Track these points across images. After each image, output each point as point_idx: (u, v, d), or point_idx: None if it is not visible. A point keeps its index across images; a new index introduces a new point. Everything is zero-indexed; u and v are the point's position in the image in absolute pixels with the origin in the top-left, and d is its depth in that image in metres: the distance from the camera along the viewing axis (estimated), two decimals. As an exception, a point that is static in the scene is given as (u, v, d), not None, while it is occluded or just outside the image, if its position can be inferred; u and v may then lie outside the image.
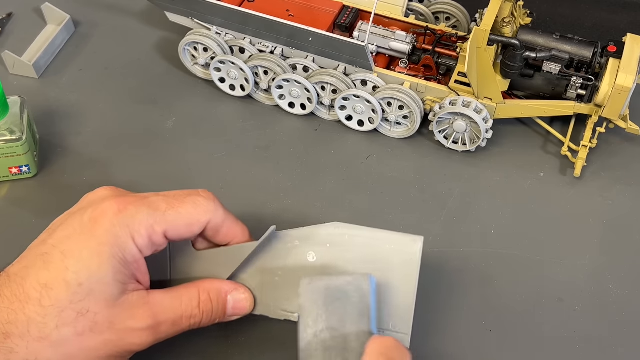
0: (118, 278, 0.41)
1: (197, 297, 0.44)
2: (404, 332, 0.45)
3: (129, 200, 0.43)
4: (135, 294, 0.42)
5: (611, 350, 0.49)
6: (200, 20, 0.63)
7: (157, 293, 0.44)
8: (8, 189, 0.58)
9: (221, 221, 0.45)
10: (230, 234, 0.46)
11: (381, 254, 0.45)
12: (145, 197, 0.44)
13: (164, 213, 0.43)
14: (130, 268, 0.42)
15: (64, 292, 0.40)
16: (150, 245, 0.43)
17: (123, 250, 0.41)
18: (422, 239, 0.45)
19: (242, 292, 0.46)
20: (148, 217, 0.42)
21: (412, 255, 0.44)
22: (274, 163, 0.60)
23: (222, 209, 0.45)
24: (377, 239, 0.45)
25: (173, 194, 0.45)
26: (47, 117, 0.62)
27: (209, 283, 0.45)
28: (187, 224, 0.44)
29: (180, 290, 0.44)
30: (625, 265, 0.54)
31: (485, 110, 0.58)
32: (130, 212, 0.42)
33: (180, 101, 0.65)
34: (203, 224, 0.44)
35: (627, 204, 0.58)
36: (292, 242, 0.46)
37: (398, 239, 0.45)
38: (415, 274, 0.44)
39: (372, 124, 0.61)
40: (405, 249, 0.45)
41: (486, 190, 0.59)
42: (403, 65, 0.61)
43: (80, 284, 0.40)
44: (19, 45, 0.68)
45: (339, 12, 0.63)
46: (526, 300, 0.52)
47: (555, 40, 0.58)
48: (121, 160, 0.60)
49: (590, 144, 0.59)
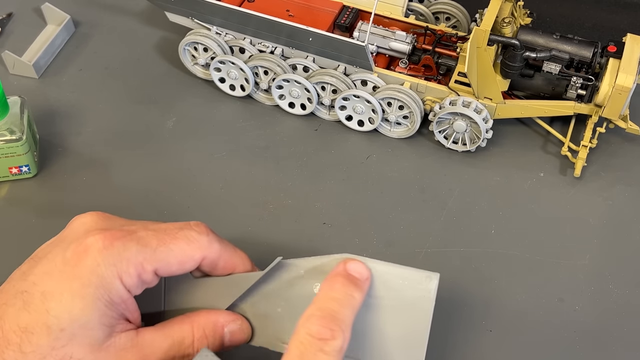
0: (103, 321, 0.38)
1: (190, 334, 0.41)
2: None
3: (115, 235, 0.39)
4: (123, 335, 0.39)
5: (611, 350, 0.49)
6: (200, 20, 0.63)
7: (148, 332, 0.41)
8: (8, 189, 0.58)
9: (217, 256, 0.42)
10: (229, 267, 0.43)
11: (394, 289, 0.42)
12: (133, 231, 0.40)
13: (154, 250, 0.40)
14: (118, 309, 0.39)
15: (45, 338, 0.37)
16: (140, 284, 0.40)
17: (109, 292, 0.38)
18: (437, 276, 0.42)
19: (238, 322, 0.43)
20: (137, 254, 0.39)
21: (426, 292, 0.41)
22: (274, 163, 0.60)
23: (217, 241, 0.42)
24: (389, 274, 0.42)
25: (164, 227, 0.41)
26: (47, 117, 0.62)
27: (204, 317, 0.42)
28: (179, 262, 0.41)
29: (173, 327, 0.41)
30: (625, 265, 0.54)
31: (485, 110, 0.58)
32: (117, 250, 0.39)
33: (180, 101, 0.65)
34: (197, 261, 0.41)
35: (627, 204, 0.58)
36: (297, 272, 0.43)
37: (412, 275, 0.42)
38: (429, 312, 0.41)
39: (372, 124, 0.61)
40: (419, 285, 0.42)
41: (486, 190, 0.59)
42: (403, 65, 0.61)
43: (62, 329, 0.37)
44: (19, 45, 0.68)
45: (339, 12, 0.63)
46: (526, 300, 0.52)
47: (555, 40, 0.58)
48: (121, 160, 0.60)
49: (590, 144, 0.59)
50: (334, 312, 0.38)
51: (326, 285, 0.40)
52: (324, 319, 0.38)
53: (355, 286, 0.40)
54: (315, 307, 0.39)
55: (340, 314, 0.38)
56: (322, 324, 0.37)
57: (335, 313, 0.38)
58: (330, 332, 0.37)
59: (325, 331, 0.37)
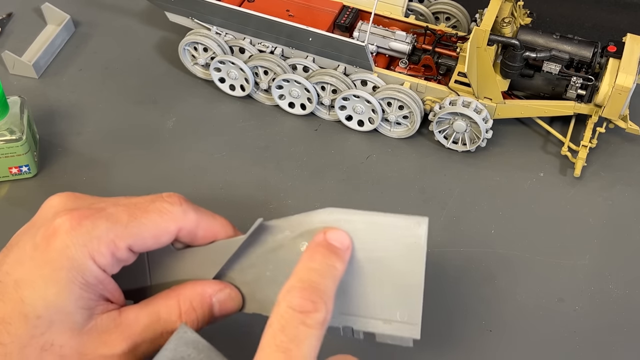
0: (81, 304, 0.37)
1: (177, 308, 0.40)
2: (414, 322, 0.41)
3: (83, 214, 0.38)
4: (105, 316, 0.38)
5: (611, 351, 0.49)
6: (200, 20, 0.63)
7: (131, 310, 0.39)
8: (8, 189, 0.57)
9: (194, 225, 0.41)
10: (209, 235, 0.42)
11: (382, 239, 0.40)
12: (102, 208, 0.39)
13: (125, 226, 0.38)
14: (95, 290, 0.38)
15: (23, 327, 0.36)
16: (115, 262, 0.38)
17: (82, 273, 0.37)
18: (426, 220, 0.40)
19: (227, 291, 0.41)
20: (107, 232, 0.38)
21: (417, 238, 0.40)
22: (274, 163, 0.60)
23: (193, 210, 0.41)
24: (376, 224, 0.41)
25: (135, 201, 0.40)
26: (47, 117, 0.62)
27: (190, 289, 0.41)
28: (153, 236, 0.39)
29: (157, 302, 0.40)
30: (625, 265, 0.54)
31: (485, 110, 0.58)
32: (86, 229, 0.37)
33: (180, 101, 0.65)
34: (172, 233, 0.40)
35: (627, 204, 0.58)
36: (282, 233, 0.42)
37: (400, 223, 0.40)
38: (422, 258, 0.40)
39: (372, 124, 0.61)
40: (409, 232, 0.40)
41: (486, 190, 0.59)
42: (403, 65, 0.61)
43: (39, 317, 0.36)
44: (19, 45, 0.68)
45: (339, 12, 0.63)
46: (526, 300, 0.52)
47: (555, 40, 0.58)
48: (121, 160, 0.60)
49: (590, 144, 0.59)
50: (315, 284, 0.37)
51: (306, 256, 0.39)
52: (305, 291, 0.37)
53: (336, 256, 0.39)
54: (295, 278, 0.37)
55: (322, 285, 0.37)
56: (304, 296, 0.36)
57: (316, 284, 0.37)
58: (312, 304, 0.36)
59: (307, 303, 0.36)
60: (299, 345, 0.35)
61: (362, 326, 0.41)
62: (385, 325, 0.41)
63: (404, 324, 0.41)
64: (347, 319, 0.41)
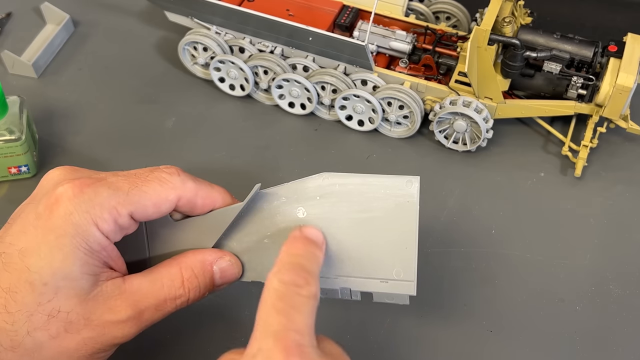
0: (86, 270, 0.38)
1: (179, 276, 0.41)
2: (409, 279, 0.42)
3: (85, 182, 0.39)
4: (110, 283, 0.39)
5: (612, 351, 0.49)
6: (200, 19, 0.63)
7: (135, 278, 0.40)
8: (7, 189, 0.57)
9: (193, 194, 0.41)
10: (208, 204, 0.42)
11: (376, 200, 0.42)
12: (103, 177, 0.40)
13: (127, 193, 0.39)
14: (99, 257, 0.39)
15: (29, 295, 0.37)
16: (118, 229, 0.39)
17: (86, 239, 0.38)
18: (418, 179, 0.42)
19: (227, 259, 0.42)
20: (109, 198, 0.38)
21: (409, 197, 0.42)
22: (274, 163, 0.60)
23: (191, 180, 0.42)
24: (370, 185, 0.42)
25: (134, 172, 0.41)
26: (46, 117, 0.62)
27: (191, 257, 0.42)
28: (154, 204, 0.40)
29: (160, 271, 0.41)
30: (625, 265, 0.54)
31: (485, 110, 0.58)
32: (88, 196, 0.38)
33: (180, 101, 0.65)
34: (172, 202, 0.41)
35: (628, 204, 0.58)
36: (278, 200, 0.43)
37: (392, 183, 0.42)
38: (415, 217, 0.42)
39: (372, 124, 0.61)
40: (401, 192, 0.42)
41: (486, 190, 0.59)
42: (403, 64, 0.61)
43: (45, 284, 0.37)
44: (18, 45, 0.68)
45: (339, 11, 0.63)
46: (526, 300, 0.52)
47: (556, 39, 0.58)
48: (121, 160, 0.60)
49: (591, 144, 0.59)
50: (301, 265, 0.38)
51: (287, 247, 0.39)
52: (294, 269, 0.37)
53: (315, 245, 0.40)
54: (281, 263, 0.38)
55: (308, 266, 0.38)
56: (294, 272, 0.37)
57: (303, 265, 0.38)
58: (304, 279, 0.37)
59: (298, 279, 0.36)
60: (299, 311, 0.35)
61: (360, 286, 0.42)
62: (381, 284, 0.42)
63: (399, 282, 0.42)
64: (345, 280, 0.42)
